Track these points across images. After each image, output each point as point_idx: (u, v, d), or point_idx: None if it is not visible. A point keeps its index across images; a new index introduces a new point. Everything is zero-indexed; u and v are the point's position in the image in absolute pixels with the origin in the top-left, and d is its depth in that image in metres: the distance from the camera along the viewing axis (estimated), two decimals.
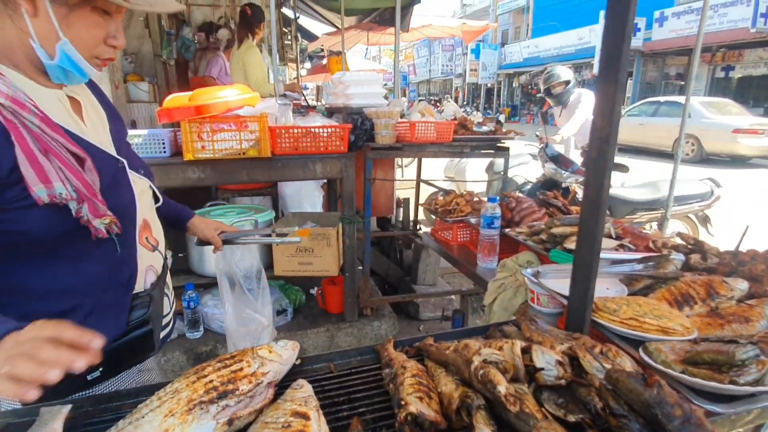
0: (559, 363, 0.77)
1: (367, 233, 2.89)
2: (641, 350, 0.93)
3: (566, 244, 1.60)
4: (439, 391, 0.81)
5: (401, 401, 0.75)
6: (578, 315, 1.01)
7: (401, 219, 4.07)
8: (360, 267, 2.92)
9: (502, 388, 0.70)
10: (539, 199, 2.25)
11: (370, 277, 3.15)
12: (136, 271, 0.99)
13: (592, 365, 0.79)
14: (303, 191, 3.37)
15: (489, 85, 30.04)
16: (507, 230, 1.93)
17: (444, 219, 2.32)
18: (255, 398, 0.79)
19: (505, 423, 0.73)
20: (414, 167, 4.21)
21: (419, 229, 3.90)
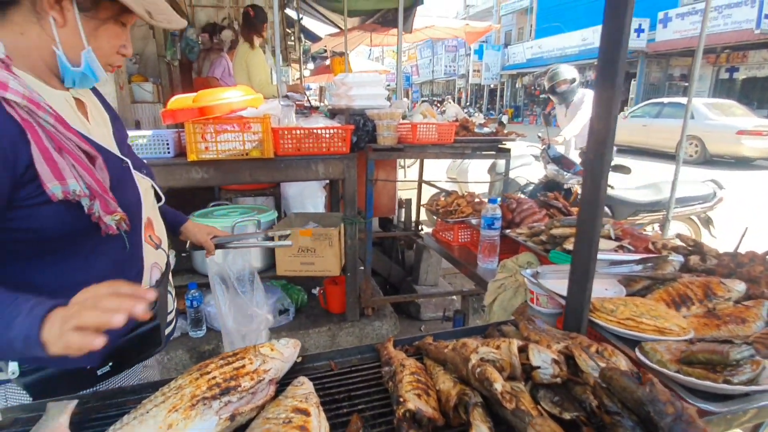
0: (555, 362, 0.78)
1: (369, 234, 2.91)
2: (637, 350, 0.94)
3: (566, 245, 1.61)
4: (438, 389, 0.82)
5: (400, 398, 0.76)
6: (576, 315, 1.02)
7: (403, 219, 4.08)
8: (362, 267, 2.94)
9: (499, 386, 0.71)
10: (540, 201, 2.26)
11: (372, 278, 3.16)
12: (143, 268, 1.01)
13: (588, 364, 0.80)
14: (305, 192, 3.39)
15: (492, 86, 29.99)
16: (507, 231, 1.94)
17: (445, 220, 2.33)
18: (257, 395, 0.80)
19: (502, 420, 0.75)
20: (416, 168, 4.22)
21: (421, 230, 3.91)
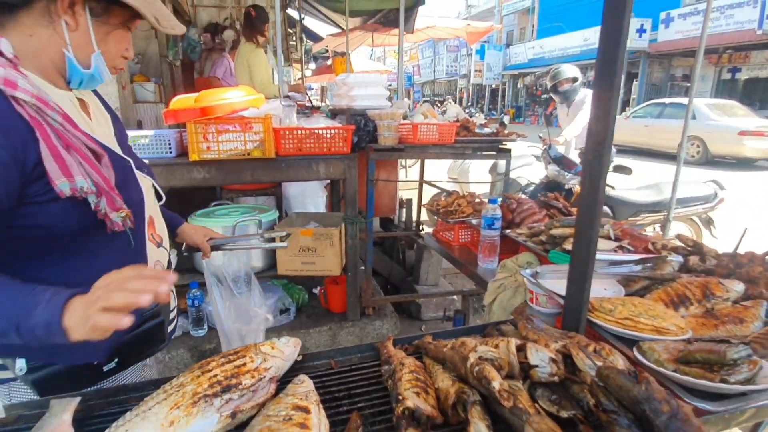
0: (553, 360, 0.79)
1: (370, 233, 2.91)
2: (635, 349, 0.95)
3: (565, 245, 1.61)
4: (436, 387, 0.83)
5: (399, 396, 0.77)
6: (574, 314, 1.03)
7: (404, 219, 4.09)
8: (362, 267, 2.95)
9: (497, 384, 0.72)
10: (540, 201, 2.26)
11: (373, 277, 3.17)
12: (147, 265, 1.02)
13: (585, 363, 0.81)
14: (307, 192, 3.40)
15: (494, 86, 29.98)
16: (507, 231, 1.95)
17: (445, 220, 2.34)
18: (257, 392, 0.81)
19: (500, 418, 0.75)
20: (417, 168, 4.22)
21: (422, 230, 3.92)
